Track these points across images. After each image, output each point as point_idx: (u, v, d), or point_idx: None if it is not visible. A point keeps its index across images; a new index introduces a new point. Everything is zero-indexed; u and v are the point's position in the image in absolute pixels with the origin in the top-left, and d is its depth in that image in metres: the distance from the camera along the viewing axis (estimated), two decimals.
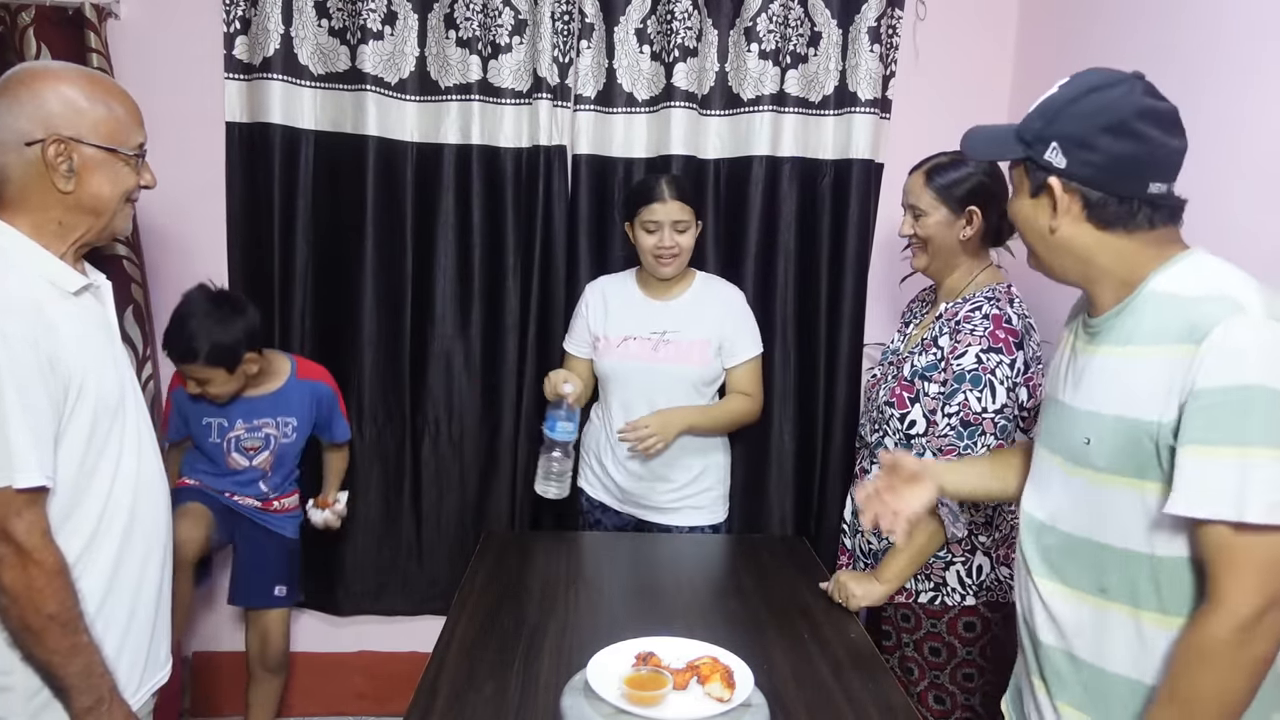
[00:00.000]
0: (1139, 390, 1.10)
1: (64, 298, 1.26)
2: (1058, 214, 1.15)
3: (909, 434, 1.75)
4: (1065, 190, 1.14)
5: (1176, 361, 1.05)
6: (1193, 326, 1.05)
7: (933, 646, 1.76)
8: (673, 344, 2.11)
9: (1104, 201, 1.13)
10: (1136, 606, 1.12)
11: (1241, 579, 1.00)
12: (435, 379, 2.54)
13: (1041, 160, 1.14)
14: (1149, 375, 1.09)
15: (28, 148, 1.22)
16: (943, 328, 1.74)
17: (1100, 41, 2.16)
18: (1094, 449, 1.15)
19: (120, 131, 1.29)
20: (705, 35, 2.43)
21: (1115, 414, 1.13)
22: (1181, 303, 1.09)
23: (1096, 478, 1.16)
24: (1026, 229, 1.22)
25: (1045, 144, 1.14)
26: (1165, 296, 1.11)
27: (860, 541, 1.89)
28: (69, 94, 1.25)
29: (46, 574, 1.17)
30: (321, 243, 2.47)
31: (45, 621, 1.17)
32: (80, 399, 1.22)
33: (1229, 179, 1.70)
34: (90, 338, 1.28)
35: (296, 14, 2.37)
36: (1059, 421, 1.25)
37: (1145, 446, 1.09)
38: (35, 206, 1.25)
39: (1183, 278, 1.12)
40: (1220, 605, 1.01)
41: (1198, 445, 1.02)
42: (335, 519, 2.40)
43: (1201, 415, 1.02)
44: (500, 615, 1.64)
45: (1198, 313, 1.06)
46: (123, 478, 1.30)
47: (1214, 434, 1.01)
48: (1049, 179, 1.14)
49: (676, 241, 2.04)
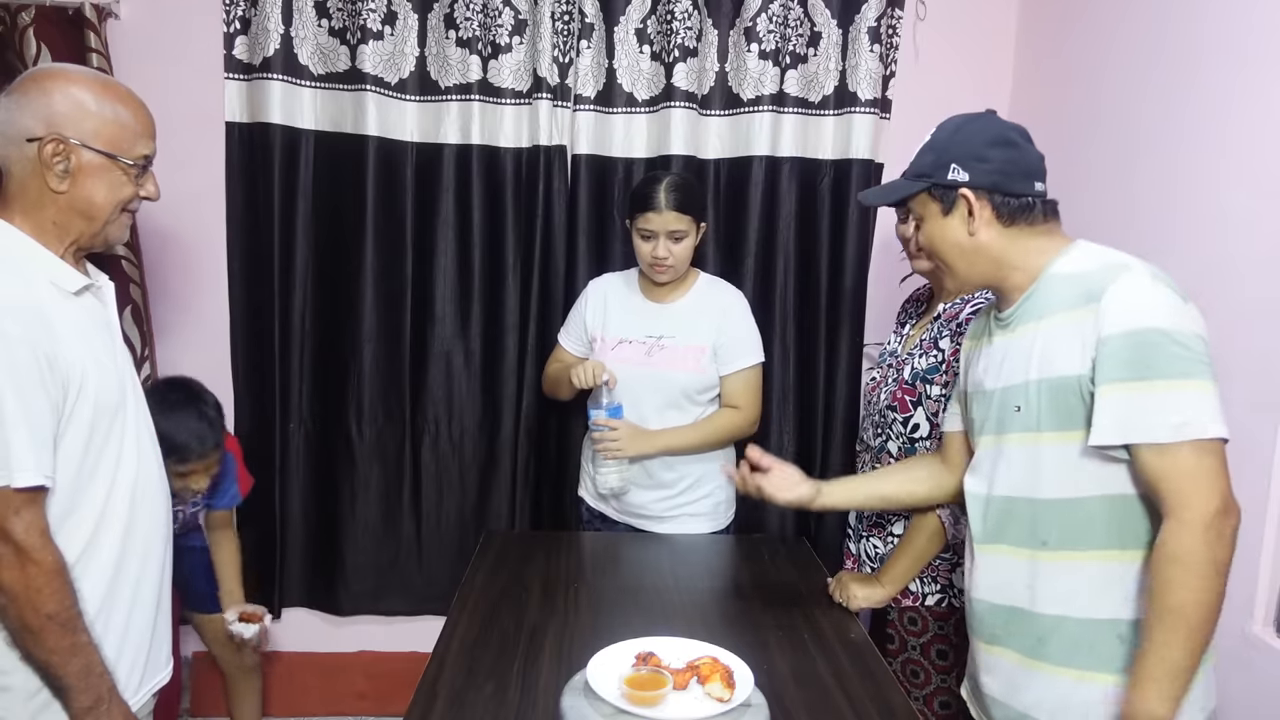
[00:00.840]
0: (1055, 352, 1.25)
1: (64, 298, 1.26)
2: (975, 220, 1.32)
3: (912, 437, 1.75)
4: (976, 197, 1.31)
5: (1082, 321, 1.22)
6: (1090, 290, 1.22)
7: (940, 650, 1.76)
8: (667, 349, 2.06)
9: (1007, 201, 1.31)
10: (1081, 549, 1.26)
11: (1184, 489, 1.15)
12: (435, 379, 2.54)
13: (945, 180, 1.32)
14: (1062, 337, 1.25)
15: (28, 144, 1.23)
16: (943, 329, 1.74)
17: (1099, 41, 2.16)
18: (1025, 414, 1.30)
19: (123, 140, 1.29)
20: (705, 35, 2.43)
21: (1039, 377, 1.28)
22: (1079, 277, 1.26)
23: (1027, 438, 1.30)
24: (944, 247, 1.36)
25: (945, 168, 1.32)
26: (1065, 276, 1.28)
27: (866, 546, 1.88)
28: (78, 96, 1.26)
29: (45, 573, 1.17)
30: (321, 243, 2.47)
31: (44, 621, 1.17)
32: (80, 399, 1.22)
33: (1223, 174, 1.71)
34: (91, 338, 1.28)
35: (296, 14, 2.37)
36: (987, 406, 1.39)
37: (1070, 399, 1.24)
38: (32, 204, 1.26)
39: (1077, 260, 1.30)
40: (1175, 517, 1.15)
41: (1109, 383, 1.18)
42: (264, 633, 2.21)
43: (1109, 359, 1.18)
44: (500, 615, 1.64)
45: (1093, 280, 1.23)
46: (123, 478, 1.30)
47: (1121, 372, 1.17)
48: (959, 191, 1.32)
49: (671, 251, 1.99)
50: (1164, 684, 1.14)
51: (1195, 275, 1.74)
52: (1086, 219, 2.14)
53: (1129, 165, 2.02)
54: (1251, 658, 1.60)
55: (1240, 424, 1.62)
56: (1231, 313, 1.66)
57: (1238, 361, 1.63)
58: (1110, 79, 2.11)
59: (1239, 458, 1.61)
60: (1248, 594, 1.61)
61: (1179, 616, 1.13)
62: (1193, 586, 1.13)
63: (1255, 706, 1.59)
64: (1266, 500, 1.58)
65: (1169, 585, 1.14)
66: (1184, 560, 1.13)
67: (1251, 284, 1.62)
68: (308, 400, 2.53)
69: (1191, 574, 1.13)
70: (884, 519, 1.84)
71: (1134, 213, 1.98)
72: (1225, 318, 1.67)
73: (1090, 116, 2.18)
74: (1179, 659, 1.14)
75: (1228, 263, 1.68)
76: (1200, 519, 1.13)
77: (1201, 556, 1.13)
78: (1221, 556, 1.14)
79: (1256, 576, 1.59)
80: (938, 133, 1.37)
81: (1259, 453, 1.59)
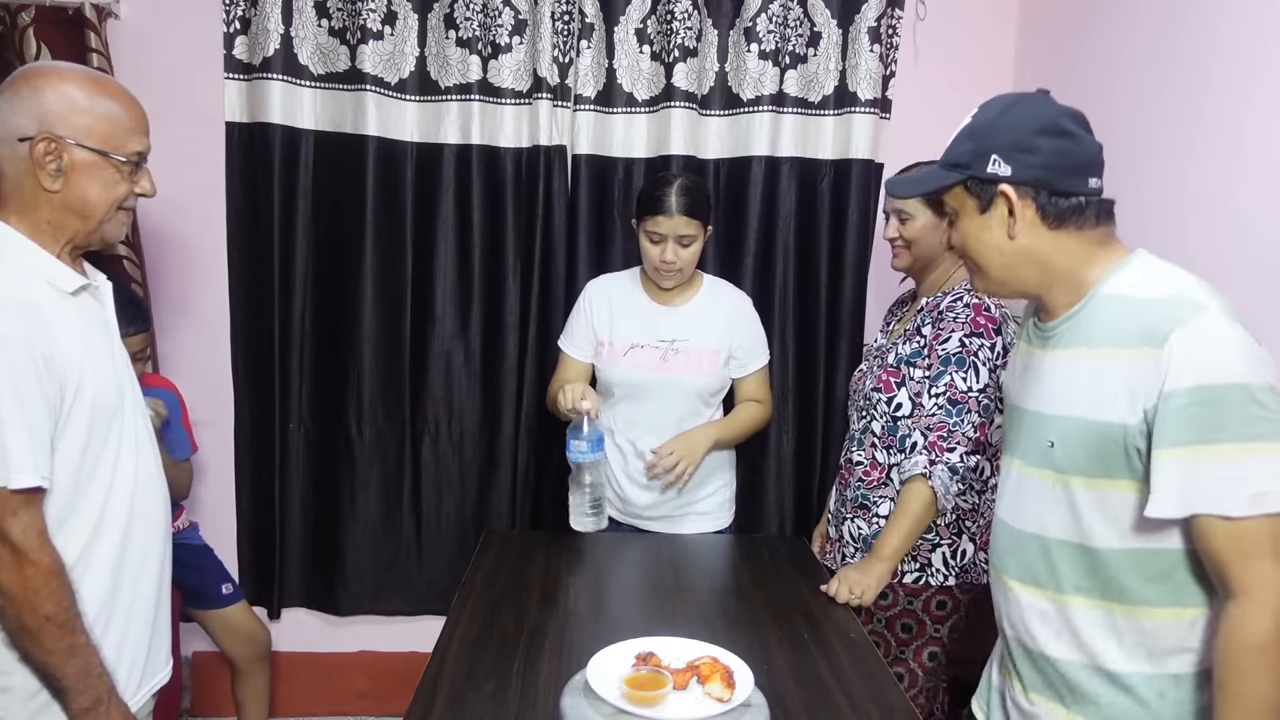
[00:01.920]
0: (1102, 393, 1.12)
1: (62, 297, 1.26)
2: (1016, 220, 1.17)
3: (895, 416, 1.83)
4: (1019, 195, 1.16)
5: (1138, 364, 1.08)
6: (1152, 329, 1.07)
7: (905, 624, 1.82)
8: (681, 354, 2.05)
9: (1054, 200, 1.15)
10: (1107, 600, 1.15)
11: (1257, 570, 1.02)
12: (435, 379, 2.54)
13: (985, 174, 1.16)
14: (1112, 378, 1.11)
15: (20, 143, 1.22)
16: (925, 319, 1.82)
17: (1100, 41, 2.16)
18: (1058, 451, 1.18)
19: (116, 136, 1.27)
20: (705, 35, 2.43)
21: (1079, 416, 1.15)
22: (1138, 304, 1.11)
23: (1060, 479, 1.18)
24: (980, 249, 1.21)
25: (984, 159, 1.16)
26: (1121, 299, 1.14)
27: (850, 528, 1.92)
28: (70, 93, 1.24)
29: (43, 574, 1.16)
30: (321, 243, 2.47)
31: (42, 622, 1.16)
32: (77, 399, 1.22)
33: (1230, 175, 1.71)
34: (89, 338, 1.28)
35: (296, 14, 2.37)
36: (1019, 427, 1.28)
37: (1111, 449, 1.11)
38: (27, 204, 1.25)
39: (1136, 280, 1.14)
40: (1248, 598, 1.03)
41: (1173, 447, 1.04)
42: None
43: (1174, 417, 1.04)
44: (500, 615, 1.64)
45: (1156, 315, 1.08)
46: (121, 478, 1.30)
47: (1188, 434, 1.03)
48: (1000, 187, 1.16)
49: (679, 256, 1.98)
50: None
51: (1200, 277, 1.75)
52: None
53: (1132, 167, 2.01)
54: None
55: None
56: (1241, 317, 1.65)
57: None
58: (1111, 79, 2.11)
59: None
60: None
61: (1252, 707, 1.03)
62: (1271, 678, 1.02)
63: None
64: None
65: (1249, 676, 1.02)
66: (1266, 649, 1.01)
67: (1261, 288, 1.62)
68: (308, 400, 2.53)
69: (1271, 663, 1.02)
70: (868, 501, 1.88)
71: (1138, 216, 1.96)
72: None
73: (1091, 117, 2.17)
74: None
75: (1236, 265, 1.68)
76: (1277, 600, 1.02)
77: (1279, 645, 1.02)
78: None
79: None
80: (980, 114, 1.21)
81: None
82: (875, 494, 1.87)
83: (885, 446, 1.85)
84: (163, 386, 2.22)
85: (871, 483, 1.87)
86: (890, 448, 1.84)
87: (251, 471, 2.58)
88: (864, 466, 1.89)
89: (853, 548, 1.91)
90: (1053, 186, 1.15)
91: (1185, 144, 1.82)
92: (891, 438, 1.83)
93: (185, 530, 2.30)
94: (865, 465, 1.89)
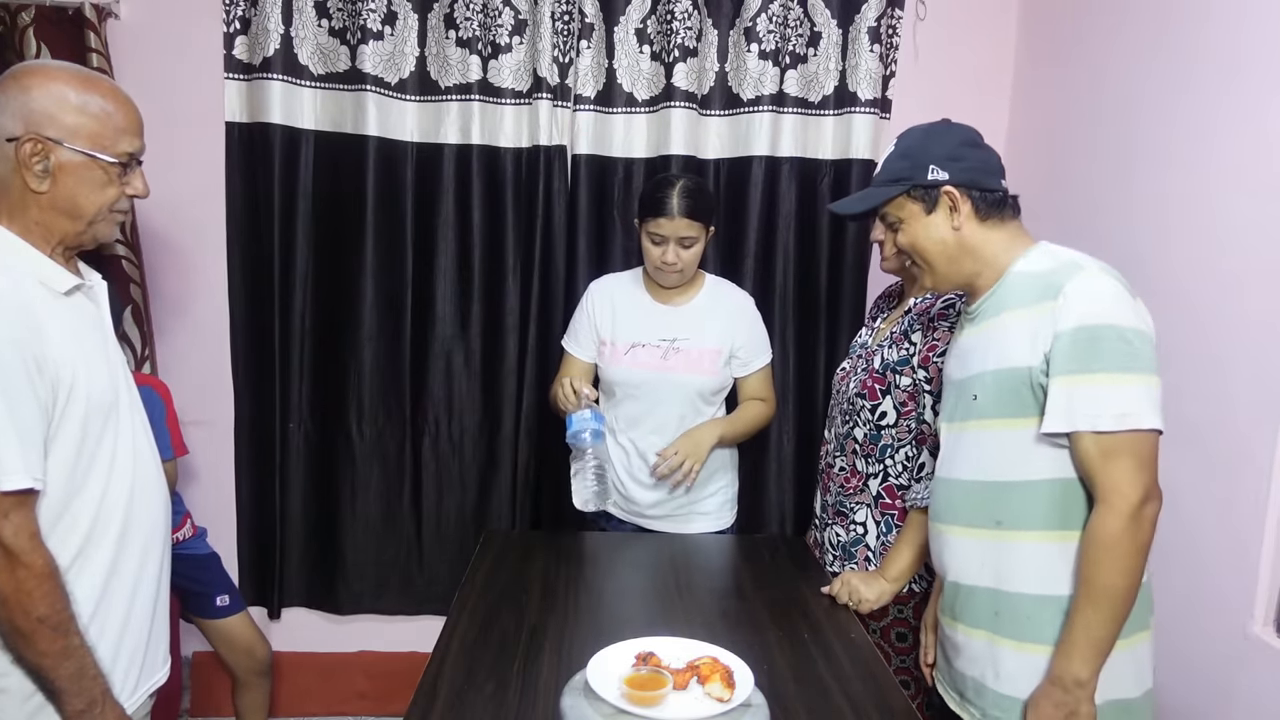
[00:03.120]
0: (1011, 345, 1.34)
1: (54, 297, 1.25)
2: (959, 214, 1.39)
3: (879, 425, 1.80)
4: (960, 193, 1.39)
5: (1039, 316, 1.30)
6: (1048, 286, 1.30)
7: (899, 632, 1.80)
8: (682, 352, 2.06)
9: (984, 197, 1.39)
10: (1028, 529, 1.34)
11: (1116, 477, 1.23)
12: (435, 379, 2.54)
13: (926, 180, 1.40)
14: (1018, 331, 1.33)
15: (8, 144, 1.21)
16: (913, 323, 1.79)
17: (1099, 41, 2.16)
18: (980, 402, 1.39)
19: (106, 137, 1.26)
20: (705, 35, 2.43)
21: (994, 368, 1.37)
22: (1039, 275, 1.34)
23: (982, 424, 1.40)
24: (928, 244, 1.43)
25: (923, 169, 1.40)
26: (1026, 275, 1.37)
27: (829, 535, 1.92)
28: (58, 93, 1.22)
29: (36, 576, 1.15)
30: (321, 242, 2.47)
31: (35, 624, 1.15)
32: (71, 400, 1.21)
33: (1219, 173, 1.71)
34: (82, 338, 1.26)
35: (296, 14, 2.37)
36: (954, 395, 1.48)
37: (1021, 389, 1.32)
38: (16, 204, 1.24)
39: (1038, 259, 1.38)
40: (1106, 502, 1.24)
41: (1062, 375, 1.26)
42: None
43: (1062, 352, 1.26)
44: (500, 615, 1.64)
45: (1052, 278, 1.31)
46: (117, 478, 1.29)
47: (1073, 365, 1.25)
48: (944, 189, 1.39)
49: (680, 257, 1.98)
50: (1086, 652, 1.25)
51: (1195, 277, 1.75)
52: (1085, 221, 2.14)
53: (1130, 167, 2.01)
54: (1251, 658, 1.60)
55: (1239, 425, 1.63)
56: (1231, 316, 1.66)
57: (1237, 364, 1.63)
58: (1111, 80, 2.11)
59: (1239, 458, 1.63)
60: (1248, 594, 1.61)
61: (1103, 594, 1.24)
62: (1118, 569, 1.23)
63: (1255, 706, 1.59)
64: (1267, 500, 1.58)
65: (1096, 567, 1.24)
66: (1110, 545, 1.23)
67: (1250, 288, 1.62)
68: (308, 400, 2.53)
69: (1117, 557, 1.23)
70: (845, 508, 1.88)
71: (1134, 214, 1.98)
72: (1225, 321, 1.68)
73: (1091, 117, 2.18)
74: (1101, 632, 1.25)
75: (1227, 265, 1.68)
76: (1129, 506, 1.22)
77: (1127, 541, 1.23)
78: (1143, 541, 1.24)
79: (1256, 576, 1.59)
80: (904, 141, 1.46)
81: (1259, 453, 1.58)
82: (852, 501, 1.86)
83: (865, 455, 1.83)
84: (145, 385, 2.14)
85: (850, 490, 1.86)
86: (870, 456, 1.82)
87: (251, 471, 2.57)
88: (845, 473, 1.88)
89: (832, 555, 1.91)
90: (981, 185, 1.40)
91: (1183, 144, 1.82)
92: (873, 446, 1.81)
93: (191, 539, 2.29)
94: (846, 472, 1.88)
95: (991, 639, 1.38)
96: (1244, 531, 1.61)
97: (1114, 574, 1.24)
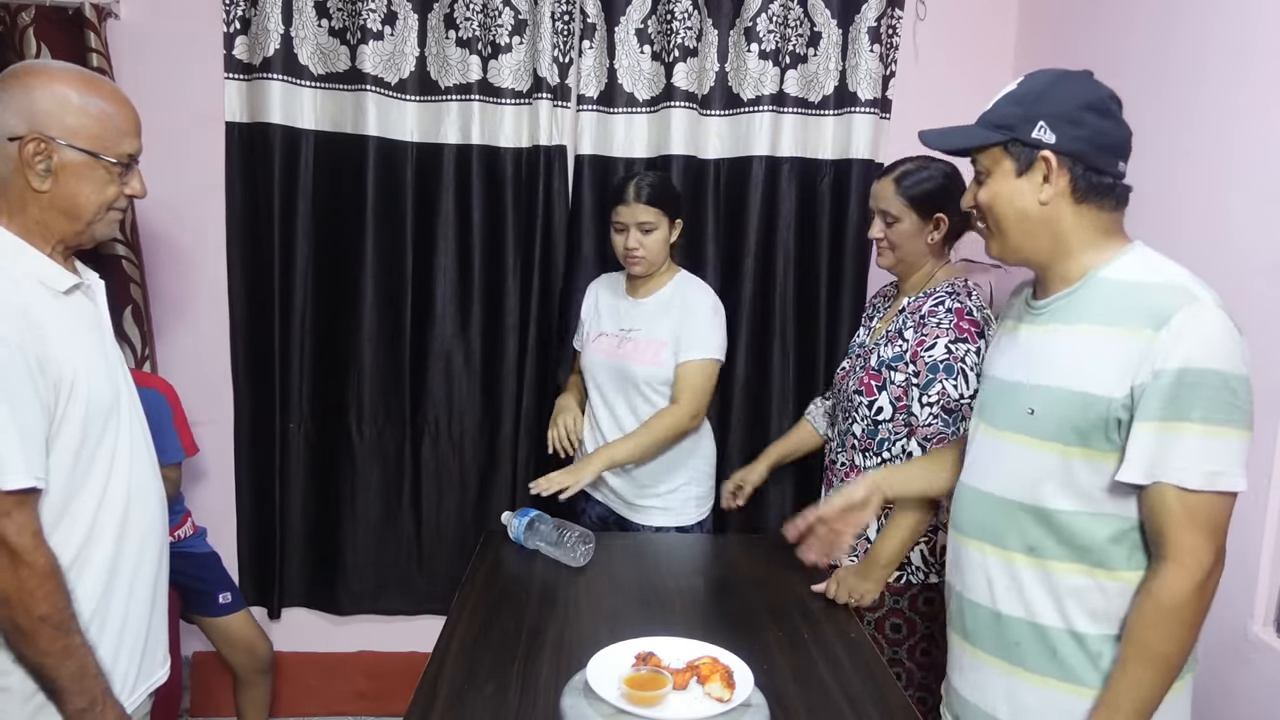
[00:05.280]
0: (1090, 367, 1.18)
1: (54, 297, 1.25)
2: (1050, 188, 1.21)
3: (876, 420, 1.83)
4: (1059, 163, 1.20)
5: (1134, 343, 1.14)
6: (1153, 312, 1.14)
7: (894, 624, 1.82)
8: (634, 342, 2.13)
9: (1087, 175, 1.20)
10: (1066, 562, 1.23)
11: (1192, 539, 1.12)
12: (435, 379, 2.54)
13: (1029, 139, 1.20)
14: (1103, 354, 1.17)
15: (10, 143, 1.21)
16: (906, 321, 1.81)
17: (1099, 41, 2.16)
18: (1037, 418, 1.24)
19: (107, 137, 1.26)
20: (705, 35, 2.43)
21: (1063, 386, 1.21)
22: (1136, 289, 1.18)
23: (1032, 442, 1.24)
24: (1006, 209, 1.25)
25: (1030, 124, 1.20)
26: (1118, 283, 1.20)
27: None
28: (61, 94, 1.23)
29: (38, 575, 1.15)
30: (321, 243, 2.47)
31: (37, 623, 1.15)
32: (71, 400, 1.21)
33: (1219, 172, 1.71)
34: (81, 338, 1.27)
35: (296, 14, 2.37)
36: (999, 396, 1.33)
37: (1092, 419, 1.18)
38: (15, 203, 1.24)
39: (1133, 267, 1.21)
40: (1177, 563, 1.13)
41: (1153, 420, 1.13)
42: None
43: (1158, 394, 1.12)
44: (500, 615, 1.64)
45: (1154, 299, 1.15)
46: (117, 477, 1.29)
47: (1168, 410, 1.12)
48: (1042, 153, 1.20)
49: (641, 242, 2.06)
50: (1133, 715, 1.15)
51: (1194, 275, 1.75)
52: None
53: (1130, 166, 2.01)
54: (1251, 658, 1.60)
55: None
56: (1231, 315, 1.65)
57: None
58: (1110, 80, 2.10)
59: None
60: (1248, 594, 1.61)
61: (1160, 659, 1.14)
62: (1178, 635, 1.14)
63: (1255, 706, 1.59)
64: (1266, 500, 1.58)
65: (1154, 630, 1.14)
66: (1175, 610, 1.13)
67: (1250, 286, 1.62)
68: (308, 400, 2.53)
69: (1180, 623, 1.13)
70: None
71: (1133, 213, 1.97)
72: None
73: None
74: (1151, 693, 1.15)
75: (1228, 264, 1.68)
76: (1202, 572, 1.12)
77: (1194, 609, 1.13)
78: (1206, 606, 1.15)
79: (1256, 576, 1.59)
80: (1028, 83, 1.25)
81: (1259, 452, 1.58)
82: None
83: (864, 450, 1.86)
84: (151, 387, 2.16)
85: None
86: (868, 451, 1.85)
87: (251, 471, 2.58)
88: (846, 468, 1.91)
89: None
90: (1089, 161, 1.20)
91: (1181, 144, 1.82)
92: (870, 441, 1.84)
93: (191, 537, 2.30)
94: (846, 467, 1.91)
95: (1007, 669, 1.29)
96: (1244, 531, 1.60)
97: (1174, 640, 1.13)
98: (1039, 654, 1.25)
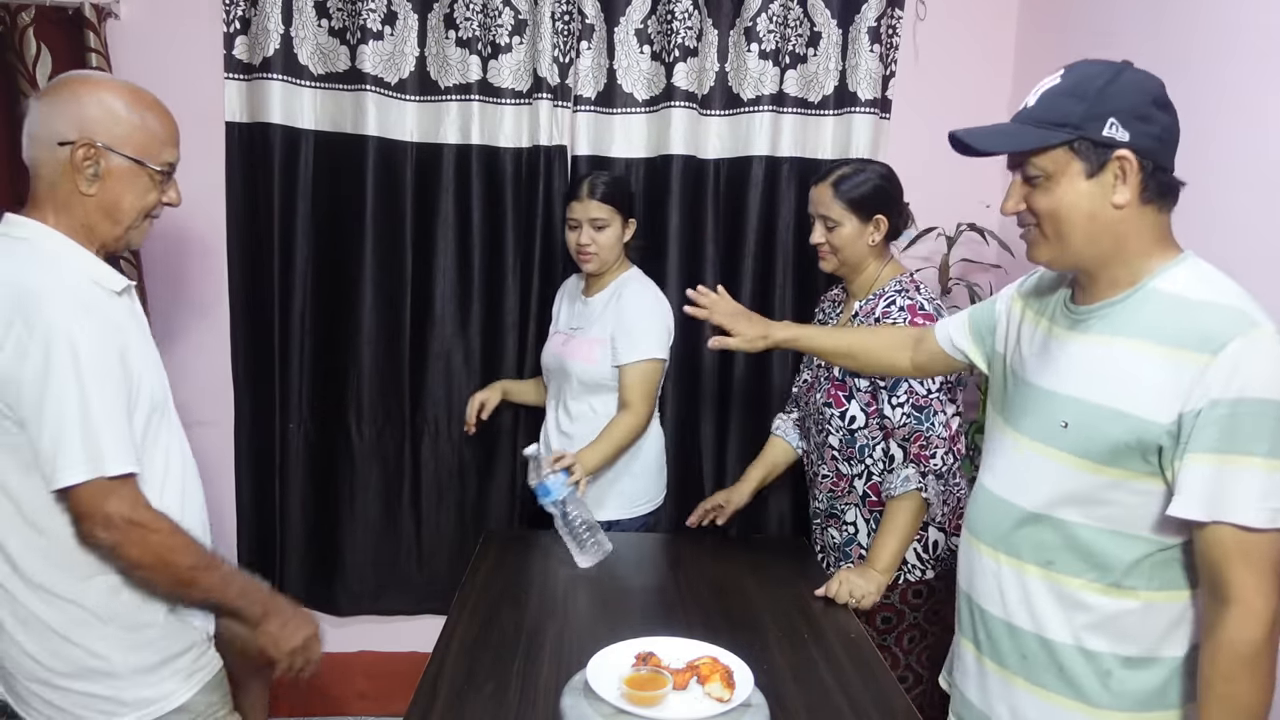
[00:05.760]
0: (1136, 386, 1.11)
1: (110, 297, 1.31)
2: (1124, 188, 1.11)
3: (851, 429, 1.85)
4: (1137, 163, 1.10)
5: (1185, 366, 1.07)
6: (1208, 335, 1.06)
7: (885, 616, 1.84)
8: (576, 340, 2.15)
9: (1157, 176, 1.12)
10: (1087, 580, 1.18)
11: (1254, 580, 1.05)
12: (435, 379, 2.54)
13: (1100, 137, 1.10)
14: (1152, 373, 1.10)
15: (60, 147, 1.27)
16: (863, 324, 1.83)
17: (1099, 41, 2.16)
18: (1071, 433, 1.17)
19: (151, 146, 1.33)
20: (705, 35, 2.42)
21: (1102, 404, 1.14)
22: (1190, 306, 1.10)
23: (1064, 457, 1.18)
24: (1073, 217, 1.13)
25: (1100, 121, 1.09)
26: (1170, 297, 1.12)
27: (826, 537, 1.98)
28: (110, 103, 1.30)
29: (167, 535, 1.27)
30: (321, 243, 2.47)
31: (190, 573, 1.30)
32: (139, 393, 1.28)
33: (1219, 169, 1.71)
34: (138, 335, 1.34)
35: (296, 14, 2.37)
36: (1027, 401, 1.26)
37: (1130, 440, 1.11)
38: (62, 206, 1.29)
39: (1188, 281, 1.13)
40: (1242, 606, 1.05)
41: (1208, 453, 1.05)
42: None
43: (1215, 424, 1.04)
44: (500, 615, 1.64)
45: (1210, 321, 1.08)
46: (172, 473, 1.36)
47: (1225, 442, 1.04)
48: (1118, 152, 1.10)
49: (594, 239, 2.09)
50: None
51: None
52: None
53: None
54: None
55: None
56: None
57: None
58: None
59: None
60: None
61: (1246, 712, 1.07)
62: (1261, 685, 1.07)
63: None
64: None
65: (1237, 684, 1.06)
66: (1253, 658, 1.05)
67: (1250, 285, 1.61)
68: (307, 400, 2.53)
69: (1261, 671, 1.06)
70: (836, 510, 1.93)
71: None
72: None
73: None
74: None
75: (1226, 263, 1.67)
76: (1270, 614, 1.05)
77: (1269, 653, 1.06)
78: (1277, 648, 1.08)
79: None
80: (1080, 76, 1.12)
81: None
82: (842, 503, 1.92)
83: (846, 459, 1.88)
84: None
85: (839, 493, 1.92)
86: (850, 459, 1.87)
87: (251, 471, 2.57)
88: (830, 479, 1.93)
89: (834, 555, 1.96)
90: (1159, 161, 1.12)
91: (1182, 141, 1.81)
92: (851, 449, 1.86)
93: None
94: (831, 478, 1.92)
95: (1010, 679, 1.27)
96: None
97: (1258, 690, 1.06)
98: (1046, 668, 1.23)
